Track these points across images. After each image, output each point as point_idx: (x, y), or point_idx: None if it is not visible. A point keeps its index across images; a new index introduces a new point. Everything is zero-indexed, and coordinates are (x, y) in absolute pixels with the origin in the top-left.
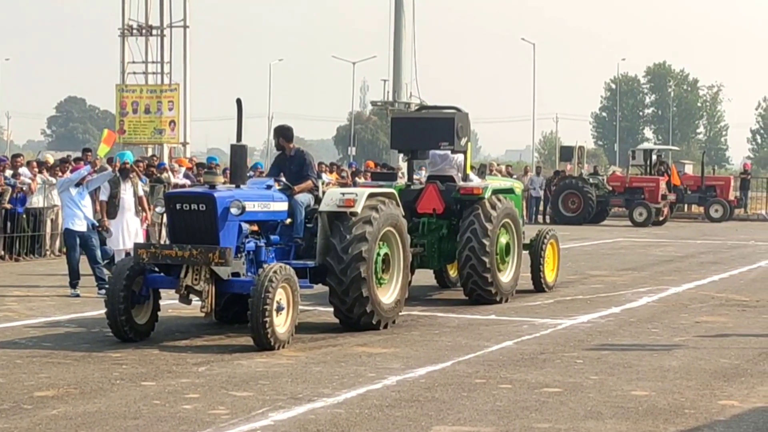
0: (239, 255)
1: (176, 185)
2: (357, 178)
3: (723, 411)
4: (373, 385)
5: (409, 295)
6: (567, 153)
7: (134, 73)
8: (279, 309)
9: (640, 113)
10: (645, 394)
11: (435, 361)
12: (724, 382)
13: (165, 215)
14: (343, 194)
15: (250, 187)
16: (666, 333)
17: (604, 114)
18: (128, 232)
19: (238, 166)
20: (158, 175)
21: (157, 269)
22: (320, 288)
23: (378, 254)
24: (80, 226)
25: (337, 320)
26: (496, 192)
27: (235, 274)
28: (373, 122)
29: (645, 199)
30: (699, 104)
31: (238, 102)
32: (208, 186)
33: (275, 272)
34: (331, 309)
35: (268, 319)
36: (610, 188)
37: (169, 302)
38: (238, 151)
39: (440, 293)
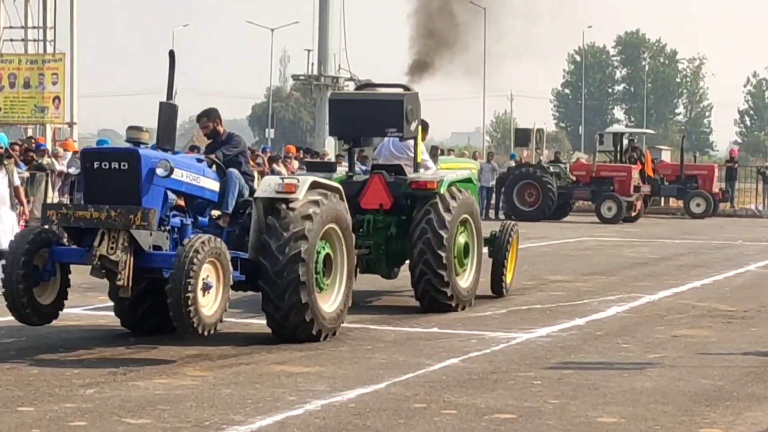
0: (163, 228)
1: (61, 173)
2: (275, 165)
3: None
4: (293, 410)
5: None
6: (523, 137)
7: (11, 40)
8: (206, 287)
9: (609, 90)
10: (613, 421)
11: (367, 382)
12: (705, 406)
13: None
14: (283, 179)
15: (179, 156)
16: (638, 349)
17: (567, 91)
18: (1, 228)
19: (167, 128)
20: (38, 160)
21: (64, 241)
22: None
23: (318, 255)
24: None
25: (255, 331)
26: (452, 184)
27: (157, 248)
28: (295, 99)
29: (614, 191)
30: (678, 80)
31: (171, 54)
32: (132, 143)
33: (202, 243)
34: (245, 321)
35: (191, 296)
36: (574, 178)
37: None
38: (168, 111)
39: (377, 300)
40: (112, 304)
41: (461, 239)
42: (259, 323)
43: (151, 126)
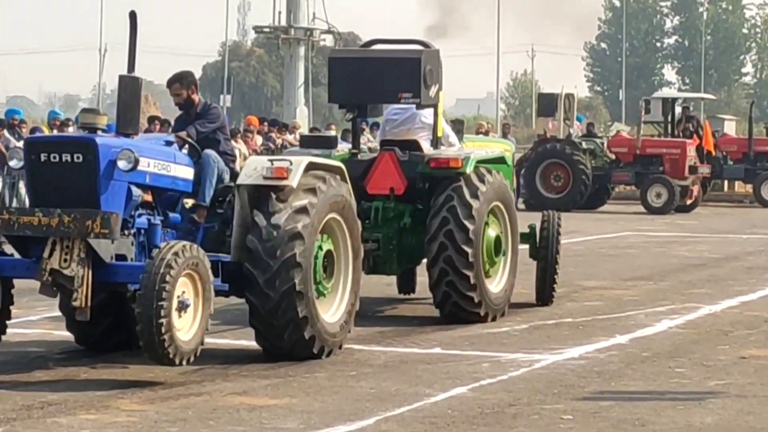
0: (126, 232)
1: None
2: (233, 142)
3: None
4: None
5: None
6: (548, 104)
7: None
8: (182, 306)
9: (658, 44)
10: None
11: (351, 417)
12: None
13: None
14: (272, 162)
15: (143, 140)
16: (697, 374)
17: (603, 45)
18: None
19: (130, 107)
20: None
21: (5, 250)
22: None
23: (318, 252)
24: None
25: (210, 350)
26: (480, 163)
27: (120, 258)
28: (258, 57)
29: (664, 173)
30: (745, 31)
31: (132, 16)
32: (87, 130)
33: (175, 254)
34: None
35: (165, 321)
36: (613, 156)
37: None
38: (130, 86)
39: (365, 310)
40: (26, 318)
41: (491, 232)
42: (213, 341)
43: (73, 90)
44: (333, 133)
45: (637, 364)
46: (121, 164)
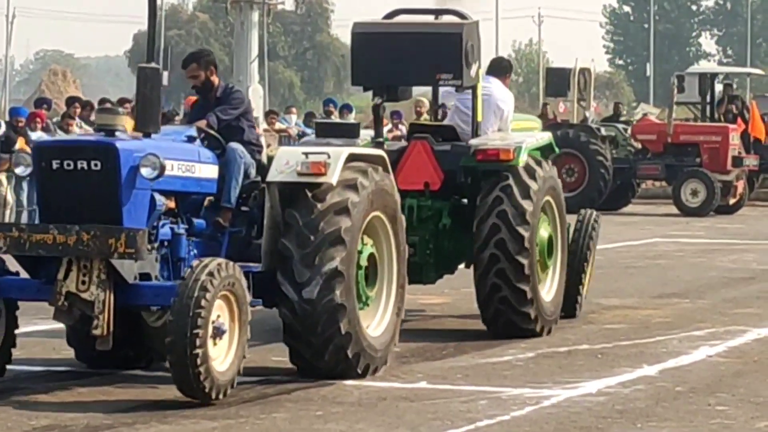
0: (149, 246)
1: None
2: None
3: None
4: None
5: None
6: (559, 81)
7: None
8: (217, 333)
9: (693, 8)
10: None
11: None
12: None
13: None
14: (307, 155)
15: (164, 136)
16: (742, 413)
17: (626, 9)
18: None
19: (150, 102)
20: None
21: (11, 269)
22: None
23: (360, 258)
24: None
25: (142, 381)
26: (530, 153)
27: (144, 277)
28: (201, 25)
29: (702, 166)
30: None
31: None
32: (104, 132)
33: (210, 275)
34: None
35: (200, 352)
36: (639, 145)
37: None
38: (151, 79)
39: None
40: None
41: (544, 232)
42: (147, 372)
43: None
44: (294, 117)
45: (669, 401)
46: (145, 171)
